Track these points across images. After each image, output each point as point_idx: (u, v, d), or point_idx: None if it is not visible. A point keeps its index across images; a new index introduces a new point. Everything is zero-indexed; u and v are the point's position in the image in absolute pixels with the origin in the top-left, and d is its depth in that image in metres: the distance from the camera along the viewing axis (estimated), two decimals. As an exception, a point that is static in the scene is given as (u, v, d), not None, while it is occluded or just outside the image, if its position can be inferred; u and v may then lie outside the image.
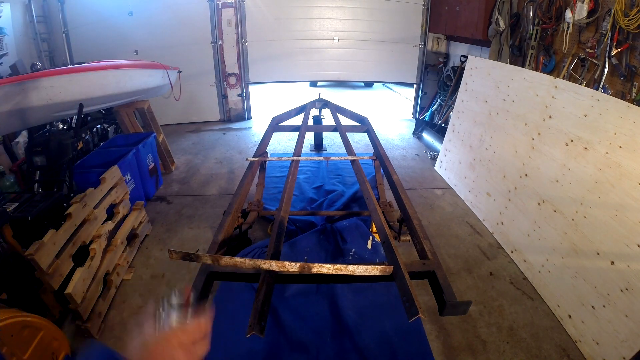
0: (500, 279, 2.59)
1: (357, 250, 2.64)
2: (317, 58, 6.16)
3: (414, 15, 5.92)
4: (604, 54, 2.87)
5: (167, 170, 4.29)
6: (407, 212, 1.99)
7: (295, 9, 5.80)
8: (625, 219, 1.92)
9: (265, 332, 1.17)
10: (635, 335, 1.77)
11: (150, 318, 0.62)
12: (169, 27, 5.55)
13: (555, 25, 3.43)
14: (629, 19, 2.59)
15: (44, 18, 5.25)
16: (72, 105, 2.97)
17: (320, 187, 3.74)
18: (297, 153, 2.75)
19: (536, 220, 2.59)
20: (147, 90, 4.10)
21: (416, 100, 6.52)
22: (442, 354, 2.02)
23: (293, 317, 2.19)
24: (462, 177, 3.73)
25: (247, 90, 6.23)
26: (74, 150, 2.75)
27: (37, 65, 3.70)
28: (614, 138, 2.06)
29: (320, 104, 4.19)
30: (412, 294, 1.22)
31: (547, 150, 2.60)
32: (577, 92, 2.38)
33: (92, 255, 2.22)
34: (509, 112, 3.08)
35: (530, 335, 2.13)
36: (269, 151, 3.52)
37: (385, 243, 1.64)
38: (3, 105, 2.60)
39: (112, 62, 3.78)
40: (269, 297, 1.30)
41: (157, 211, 3.45)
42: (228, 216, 2.03)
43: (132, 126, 4.05)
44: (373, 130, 3.39)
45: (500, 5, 4.13)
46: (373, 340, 2.06)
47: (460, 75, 4.51)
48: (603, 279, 1.98)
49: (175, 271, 2.60)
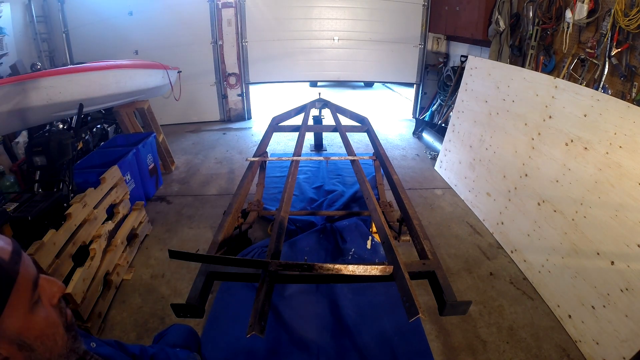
0: (500, 279, 2.59)
1: (356, 250, 2.64)
2: (317, 58, 6.16)
3: (414, 15, 5.92)
4: (604, 54, 2.87)
5: (167, 170, 4.29)
6: (407, 212, 1.99)
7: (295, 9, 5.80)
8: (625, 219, 1.92)
9: (265, 332, 1.17)
10: (635, 335, 1.77)
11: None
12: (169, 27, 5.55)
13: (555, 25, 3.43)
14: (629, 19, 2.59)
15: (44, 18, 5.25)
16: (72, 105, 2.97)
17: (320, 187, 3.74)
18: (297, 153, 2.75)
19: (536, 220, 2.59)
20: (147, 90, 4.10)
21: (416, 100, 6.52)
22: (442, 354, 2.02)
23: (293, 316, 2.20)
24: (462, 177, 3.73)
25: (247, 90, 6.24)
26: (74, 150, 2.75)
27: (37, 65, 3.71)
28: (614, 138, 2.06)
29: (320, 104, 4.19)
30: (412, 294, 1.22)
31: (547, 150, 2.60)
32: (577, 92, 2.38)
33: (92, 255, 2.22)
34: (509, 112, 3.09)
35: (530, 335, 2.13)
36: (269, 151, 3.52)
37: (385, 243, 1.64)
38: (3, 105, 2.60)
39: (112, 62, 3.78)
40: (269, 297, 1.30)
41: (157, 211, 3.45)
42: (228, 216, 2.03)
43: (132, 126, 4.05)
44: (373, 130, 3.39)
45: (500, 5, 4.13)
46: (373, 339, 2.06)
47: (460, 75, 4.51)
48: (603, 279, 1.98)
49: (175, 271, 2.60)
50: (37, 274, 0.62)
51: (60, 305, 0.66)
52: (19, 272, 0.58)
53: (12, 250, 0.60)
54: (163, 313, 2.25)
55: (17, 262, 0.59)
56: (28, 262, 0.62)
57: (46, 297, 0.63)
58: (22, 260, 0.60)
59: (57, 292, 0.65)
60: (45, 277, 0.64)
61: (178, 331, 1.34)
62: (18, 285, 0.57)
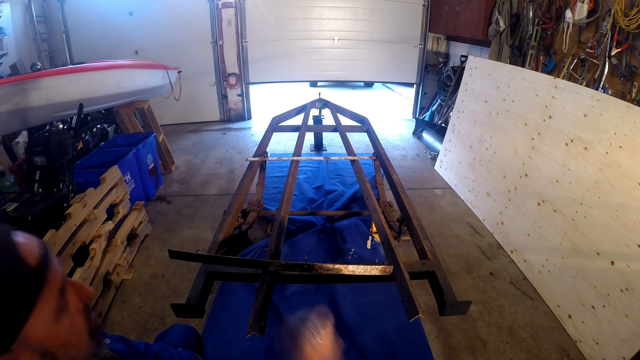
0: (500, 279, 2.59)
1: (356, 250, 2.64)
2: (317, 58, 6.16)
3: (414, 15, 5.92)
4: (604, 54, 2.87)
5: (167, 170, 4.29)
6: (407, 212, 1.99)
7: (295, 9, 5.80)
8: (625, 219, 1.92)
9: (265, 332, 1.17)
10: (635, 335, 1.77)
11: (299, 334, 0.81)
12: (169, 27, 5.55)
13: (555, 25, 3.43)
14: (629, 19, 2.59)
15: (44, 18, 5.25)
16: (72, 105, 2.97)
17: (320, 187, 3.74)
18: (297, 153, 2.75)
19: (536, 220, 2.59)
20: (147, 90, 4.10)
21: (416, 100, 6.52)
22: (442, 354, 2.02)
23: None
24: (462, 177, 3.73)
25: (247, 90, 6.23)
26: (74, 150, 2.75)
27: (37, 65, 3.70)
28: (614, 138, 2.06)
29: (320, 104, 4.19)
30: (412, 294, 1.22)
31: (547, 150, 2.60)
32: (577, 92, 2.38)
33: (92, 255, 2.22)
34: (509, 112, 3.09)
35: (530, 335, 2.13)
36: (269, 151, 3.52)
37: (385, 243, 1.64)
38: (3, 105, 2.60)
39: (112, 62, 3.78)
40: (269, 297, 1.30)
41: (157, 211, 3.45)
42: (228, 216, 2.03)
43: (132, 126, 4.05)
44: (373, 130, 3.39)
45: (500, 5, 4.13)
46: (373, 340, 2.06)
47: (460, 75, 4.51)
48: (603, 279, 1.98)
49: (175, 271, 2.60)
50: (64, 279, 0.59)
51: (86, 310, 0.62)
52: (46, 279, 0.55)
53: (40, 255, 0.56)
54: (163, 313, 2.25)
55: (45, 268, 0.55)
56: (56, 267, 0.58)
57: (72, 302, 0.60)
58: (50, 265, 0.56)
59: (84, 297, 0.62)
60: (72, 280, 0.61)
61: (180, 331, 1.34)
62: (45, 294, 0.54)
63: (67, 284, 0.60)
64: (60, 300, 0.57)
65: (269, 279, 1.36)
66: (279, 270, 1.40)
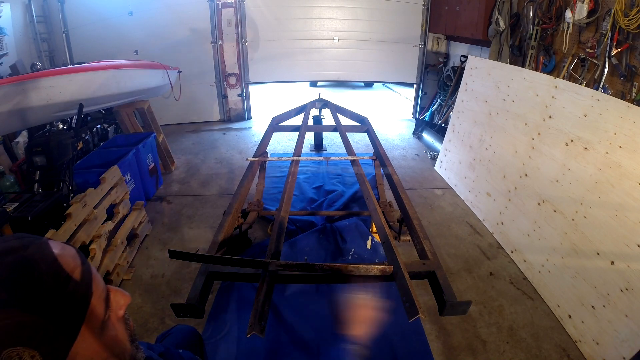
0: (500, 279, 2.59)
1: (356, 250, 2.64)
2: (317, 58, 6.15)
3: (414, 15, 5.92)
4: (604, 54, 2.87)
5: (167, 170, 4.29)
6: (407, 212, 1.99)
7: (295, 9, 5.80)
8: (625, 219, 1.92)
9: (265, 332, 1.17)
10: (635, 335, 1.77)
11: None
12: (169, 27, 5.54)
13: (555, 25, 3.43)
14: (629, 19, 2.58)
15: (44, 18, 5.25)
16: (72, 105, 2.97)
17: (320, 187, 3.74)
18: (297, 153, 2.75)
19: (536, 220, 2.59)
20: (147, 90, 4.10)
21: (416, 100, 6.52)
22: (442, 354, 2.01)
23: (294, 315, 2.19)
24: (462, 177, 3.73)
25: (247, 90, 6.23)
26: (74, 150, 2.75)
27: (37, 65, 3.70)
28: (614, 138, 2.06)
29: (320, 104, 4.19)
30: (412, 294, 1.22)
31: (547, 150, 2.60)
32: (577, 92, 2.38)
33: (92, 255, 2.22)
34: (509, 112, 3.09)
35: (530, 335, 2.13)
36: (269, 151, 3.52)
37: (385, 243, 1.64)
38: (3, 105, 2.60)
39: (112, 62, 3.78)
40: (269, 297, 1.30)
41: (157, 211, 3.45)
42: (228, 216, 2.03)
43: (132, 126, 4.05)
44: (373, 130, 3.39)
45: (500, 5, 4.13)
46: (373, 340, 2.06)
47: (460, 75, 4.51)
48: (603, 279, 1.98)
49: (175, 271, 2.60)
50: (107, 289, 0.56)
51: (125, 317, 0.60)
52: (92, 293, 0.52)
53: (83, 267, 0.52)
54: (163, 313, 2.25)
55: (90, 280, 0.52)
56: (98, 279, 0.55)
57: (113, 311, 0.57)
58: (93, 276, 0.53)
59: (123, 304, 0.59)
60: (111, 288, 0.59)
61: (181, 332, 1.33)
62: (92, 308, 0.51)
63: (109, 293, 0.57)
64: (105, 312, 0.55)
65: (269, 279, 1.36)
66: (279, 270, 1.40)
